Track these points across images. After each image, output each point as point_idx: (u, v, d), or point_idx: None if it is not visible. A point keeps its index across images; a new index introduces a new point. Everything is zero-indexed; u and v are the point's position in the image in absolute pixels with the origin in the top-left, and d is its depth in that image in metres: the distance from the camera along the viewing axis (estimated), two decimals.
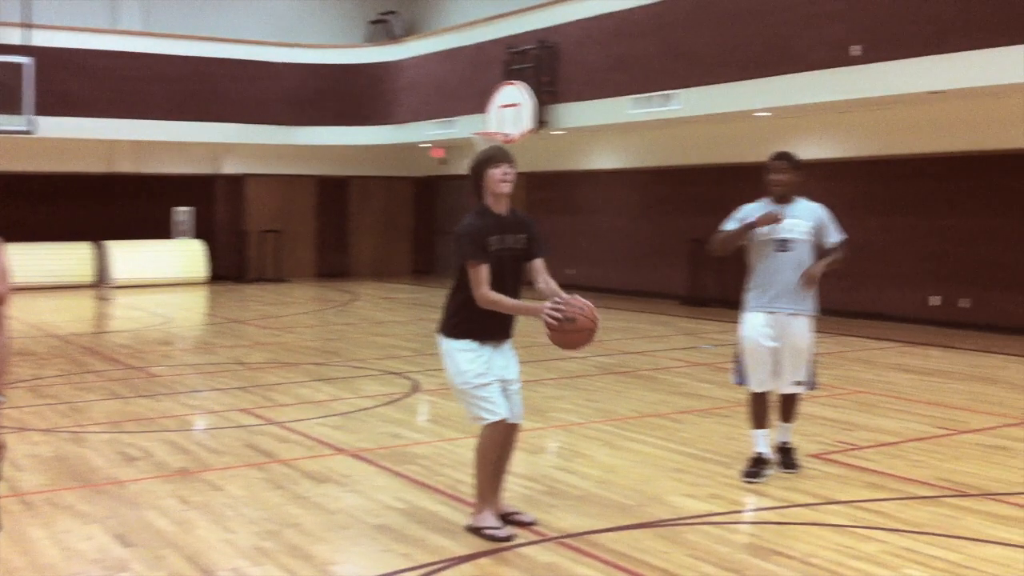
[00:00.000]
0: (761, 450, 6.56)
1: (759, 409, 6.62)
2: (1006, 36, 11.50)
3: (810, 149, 16.00)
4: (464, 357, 5.32)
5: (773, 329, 6.45)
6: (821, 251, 6.54)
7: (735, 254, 6.76)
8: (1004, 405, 9.01)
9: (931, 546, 5.21)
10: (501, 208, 5.38)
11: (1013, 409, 8.81)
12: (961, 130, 14.21)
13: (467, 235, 5.27)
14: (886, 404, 9.02)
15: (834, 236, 6.55)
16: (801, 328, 6.46)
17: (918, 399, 9.30)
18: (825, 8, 13.41)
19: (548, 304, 5.10)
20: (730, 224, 6.60)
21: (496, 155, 5.38)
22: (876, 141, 15.33)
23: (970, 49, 11.82)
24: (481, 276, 5.21)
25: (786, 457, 6.71)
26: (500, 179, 5.32)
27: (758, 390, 6.58)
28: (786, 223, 6.40)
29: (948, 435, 7.82)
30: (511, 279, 5.34)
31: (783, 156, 6.52)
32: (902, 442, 7.58)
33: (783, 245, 6.40)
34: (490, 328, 5.37)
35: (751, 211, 6.53)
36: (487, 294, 5.21)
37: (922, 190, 14.67)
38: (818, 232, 6.50)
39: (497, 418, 5.32)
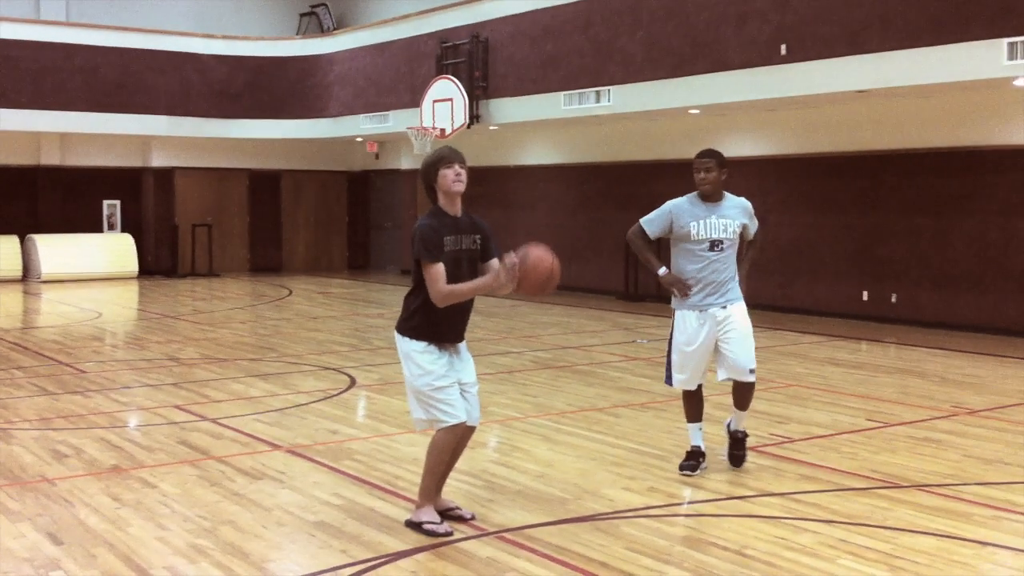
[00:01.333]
0: (697, 443, 6.59)
1: (692, 403, 6.61)
2: (927, 37, 11.74)
3: (740, 147, 16.20)
4: (425, 359, 5.29)
5: (706, 327, 6.41)
6: (741, 244, 6.61)
7: (664, 244, 6.73)
8: (932, 398, 9.19)
9: (864, 537, 5.30)
10: (455, 209, 5.38)
11: (941, 402, 9.00)
12: (888, 129, 14.47)
13: (422, 235, 5.24)
14: (818, 397, 9.16)
15: (753, 229, 6.63)
16: (739, 312, 6.45)
17: (849, 392, 9.45)
18: (753, 8, 13.58)
19: (500, 268, 5.12)
20: (653, 218, 6.59)
21: (448, 155, 5.38)
22: (805, 139, 15.55)
23: (891, 50, 12.08)
24: (435, 274, 5.18)
25: (736, 447, 6.62)
26: (453, 179, 5.33)
27: (686, 388, 6.56)
28: (718, 223, 6.39)
29: (879, 428, 7.95)
30: (467, 280, 5.32)
31: (709, 154, 6.44)
32: (834, 435, 7.70)
33: (715, 246, 6.38)
34: (447, 330, 5.36)
35: (677, 206, 6.52)
36: (442, 289, 5.18)
37: (851, 187, 14.90)
38: (745, 227, 6.54)
39: (456, 421, 5.30)
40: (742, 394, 6.58)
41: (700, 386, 6.60)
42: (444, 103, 17.79)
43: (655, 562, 4.91)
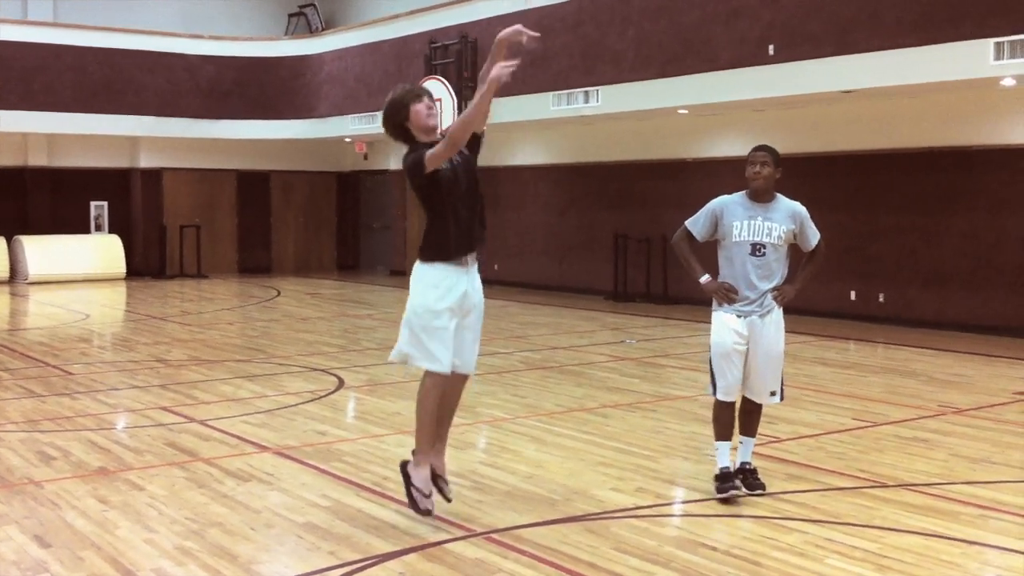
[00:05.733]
0: (727, 464, 6.01)
1: (725, 418, 6.10)
2: (914, 37, 11.79)
3: (728, 146, 16.23)
4: (433, 294, 5.25)
5: (744, 330, 5.99)
6: (798, 254, 6.19)
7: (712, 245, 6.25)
8: (920, 397, 9.21)
9: (851, 536, 5.31)
10: (435, 138, 5.30)
11: (928, 401, 9.02)
12: (877, 128, 14.51)
13: (412, 161, 5.20)
14: (806, 397, 9.16)
15: (812, 239, 6.15)
16: (773, 329, 6.06)
17: (837, 392, 9.47)
18: (740, 7, 13.60)
19: (496, 70, 5.06)
20: (698, 218, 6.11)
21: (415, 90, 5.33)
22: (793, 138, 15.54)
23: (879, 49, 12.11)
24: (435, 151, 5.09)
25: (749, 477, 6.08)
26: (427, 114, 5.26)
27: (724, 399, 6.06)
28: (763, 226, 5.96)
29: (866, 427, 7.97)
30: (468, 196, 5.30)
31: (764, 148, 6.05)
32: (822, 434, 7.71)
33: (756, 250, 5.96)
34: (459, 236, 5.30)
35: (723, 203, 6.07)
36: (451, 132, 5.08)
37: (839, 187, 14.92)
38: (795, 235, 6.08)
39: (439, 368, 5.26)
40: (753, 416, 6.19)
41: (734, 403, 6.15)
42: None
43: (643, 563, 4.92)
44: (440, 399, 5.42)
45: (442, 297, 5.26)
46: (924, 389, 9.64)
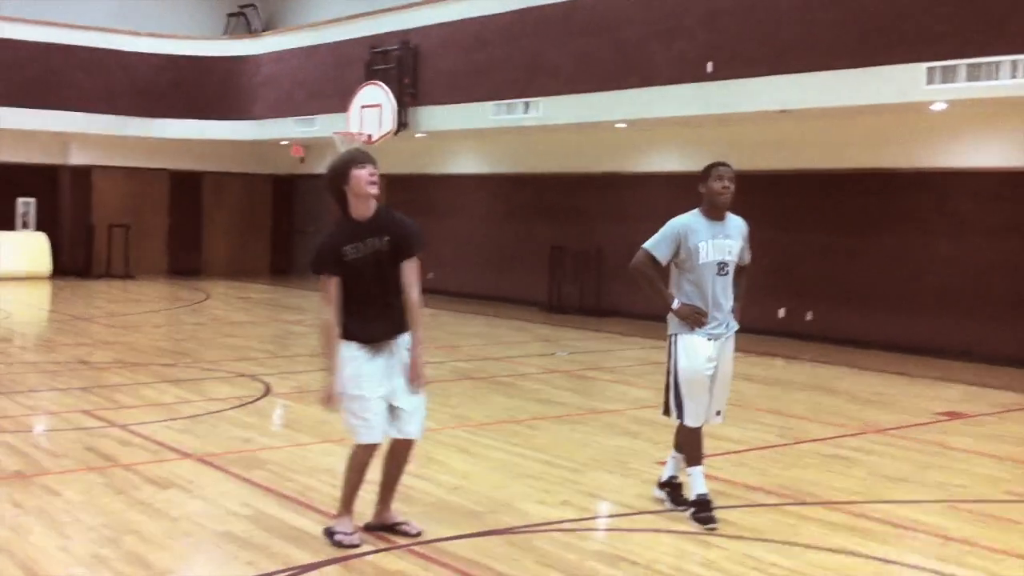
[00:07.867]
0: (703, 491, 5.87)
1: (697, 443, 5.97)
2: (849, 60, 12.00)
3: (664, 162, 16.38)
4: (352, 364, 5.19)
5: (714, 355, 5.88)
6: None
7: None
8: (842, 415, 9.35)
9: (770, 553, 5.36)
10: (365, 212, 5.19)
11: (851, 419, 9.15)
12: (809, 148, 14.72)
13: (318, 249, 5.20)
14: (731, 413, 9.07)
15: (747, 255, 6.14)
16: (731, 351, 6.02)
17: (762, 408, 9.57)
18: (681, 25, 13.74)
19: (335, 395, 5.19)
20: (659, 242, 5.88)
21: (360, 156, 5.19)
22: (727, 156, 15.60)
23: (814, 70, 12.30)
24: (323, 289, 5.16)
25: (676, 492, 6.15)
26: (368, 180, 5.12)
27: (695, 424, 5.94)
28: (724, 244, 5.89)
29: (789, 444, 8.06)
30: (376, 286, 5.17)
31: (727, 164, 5.97)
32: (746, 451, 7.79)
33: (722, 268, 5.88)
34: (368, 325, 5.21)
35: (686, 225, 5.89)
36: (323, 312, 5.20)
37: (771, 205, 15.08)
38: (741, 251, 6.06)
39: (367, 440, 5.24)
40: None
41: (701, 426, 6.02)
42: (372, 109, 17.69)
43: None
44: (365, 468, 5.34)
45: (356, 370, 5.19)
46: (847, 407, 9.77)
